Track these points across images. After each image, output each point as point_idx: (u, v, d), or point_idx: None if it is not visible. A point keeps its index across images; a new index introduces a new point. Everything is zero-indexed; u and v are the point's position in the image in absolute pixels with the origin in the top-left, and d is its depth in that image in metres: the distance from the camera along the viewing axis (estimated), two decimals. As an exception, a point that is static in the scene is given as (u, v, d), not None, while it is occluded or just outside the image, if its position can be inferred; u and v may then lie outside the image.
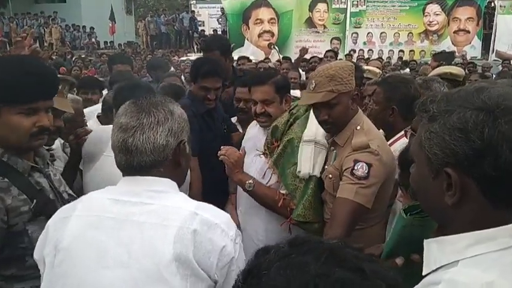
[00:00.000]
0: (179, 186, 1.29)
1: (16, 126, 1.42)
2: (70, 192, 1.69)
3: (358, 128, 1.99)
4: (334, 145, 2.08)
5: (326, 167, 2.10)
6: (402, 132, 2.18)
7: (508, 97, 0.81)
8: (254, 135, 2.50)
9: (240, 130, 3.00)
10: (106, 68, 6.72)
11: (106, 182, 1.33)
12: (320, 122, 2.05)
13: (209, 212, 1.20)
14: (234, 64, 4.75)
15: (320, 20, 16.18)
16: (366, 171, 1.84)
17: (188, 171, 1.64)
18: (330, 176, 2.01)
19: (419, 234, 0.97)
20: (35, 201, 1.44)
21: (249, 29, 16.16)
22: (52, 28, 19.43)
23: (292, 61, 7.36)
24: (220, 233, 1.16)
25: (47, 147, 1.92)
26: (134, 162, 1.21)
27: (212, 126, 2.81)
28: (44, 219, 1.38)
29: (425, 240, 0.89)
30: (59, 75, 2.02)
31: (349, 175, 1.87)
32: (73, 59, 12.58)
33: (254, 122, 2.55)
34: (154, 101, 1.26)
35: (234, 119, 3.13)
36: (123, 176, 1.26)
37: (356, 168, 1.86)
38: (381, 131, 2.35)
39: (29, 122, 1.43)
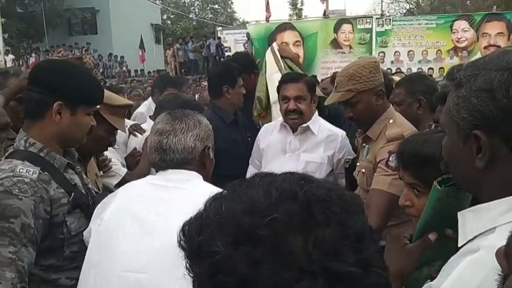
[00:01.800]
0: None
1: (85, 125, 1.57)
2: (96, 190, 1.81)
3: (391, 121, 2.01)
4: (366, 140, 2.09)
5: (358, 163, 2.11)
6: None
7: None
8: (278, 137, 2.54)
9: None
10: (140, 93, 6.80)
11: None
12: (347, 118, 2.11)
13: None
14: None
15: (345, 40, 16.21)
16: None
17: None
18: (364, 170, 2.02)
19: (454, 207, 0.95)
20: (73, 194, 1.52)
21: (274, 52, 16.34)
22: (86, 58, 20.20)
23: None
24: None
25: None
26: (167, 159, 1.43)
27: (237, 133, 2.85)
28: (79, 212, 1.53)
29: (459, 212, 0.89)
30: (128, 102, 2.35)
31: (383, 166, 1.89)
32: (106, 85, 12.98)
33: (268, 126, 2.62)
34: (185, 112, 1.52)
35: None
36: (156, 172, 1.49)
37: (390, 159, 1.87)
38: None
39: (90, 122, 1.60)
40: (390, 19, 17.36)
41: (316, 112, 2.55)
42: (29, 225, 1.36)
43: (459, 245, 0.86)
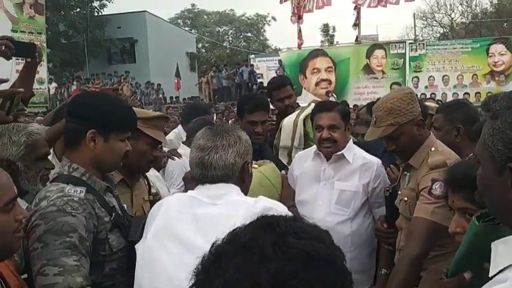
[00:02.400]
0: None
1: (118, 150, 1.65)
2: (130, 213, 1.89)
3: (433, 149, 2.01)
4: (408, 168, 2.09)
5: (400, 192, 2.10)
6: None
7: None
8: (312, 165, 2.53)
9: None
10: (176, 119, 6.99)
11: None
12: (390, 151, 2.11)
13: (265, 201, 1.44)
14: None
15: (377, 66, 16.15)
16: (444, 190, 1.82)
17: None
18: (406, 199, 2.01)
19: (491, 242, 0.94)
20: (113, 214, 1.62)
21: (306, 78, 16.45)
22: (124, 86, 20.91)
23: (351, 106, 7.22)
24: (274, 213, 1.36)
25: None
26: (208, 175, 1.47)
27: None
28: (118, 231, 1.61)
29: (492, 243, 0.89)
30: (162, 113, 2.43)
31: (426, 194, 1.88)
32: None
33: (303, 154, 2.64)
34: (226, 127, 1.57)
35: None
36: (197, 186, 1.52)
37: (434, 187, 1.86)
38: None
39: (124, 147, 1.67)
40: (424, 43, 17.23)
41: (351, 140, 2.54)
42: (85, 239, 1.47)
43: (490, 275, 0.86)
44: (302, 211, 2.36)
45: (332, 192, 2.42)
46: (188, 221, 1.41)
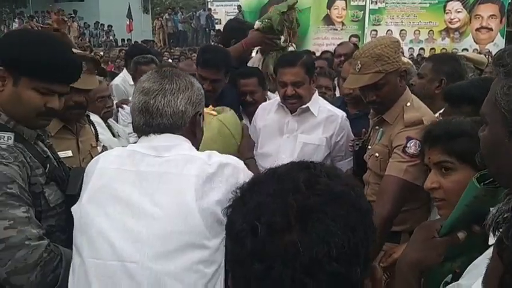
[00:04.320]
0: None
1: (27, 101, 1.38)
2: (78, 160, 1.71)
3: (408, 104, 1.95)
4: (381, 123, 2.03)
5: (370, 147, 2.05)
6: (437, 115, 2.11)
7: None
8: (275, 118, 2.46)
9: (248, 124, 2.78)
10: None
11: None
12: (367, 103, 2.02)
13: (220, 156, 1.26)
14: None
15: (338, 17, 16.03)
16: (419, 149, 1.79)
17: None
18: (377, 154, 1.96)
19: (489, 205, 0.89)
20: (48, 165, 1.43)
21: (266, 26, 16.07)
22: (71, 26, 19.66)
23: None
24: (232, 169, 1.23)
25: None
26: (153, 123, 1.27)
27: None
28: (55, 185, 1.42)
29: (492, 208, 0.82)
30: (84, 53, 2.13)
31: (400, 152, 1.84)
32: (92, 54, 12.75)
33: (266, 105, 2.53)
34: (176, 71, 1.35)
35: None
36: (139, 137, 1.31)
37: (408, 146, 1.82)
38: None
39: (41, 101, 1.40)
40: (384, -4, 17.16)
41: (316, 92, 2.47)
42: (24, 189, 1.31)
43: (490, 243, 0.81)
44: (265, 164, 2.27)
45: (295, 145, 2.37)
46: (131, 180, 1.20)
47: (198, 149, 1.35)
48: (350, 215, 0.64)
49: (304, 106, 2.36)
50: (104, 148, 2.17)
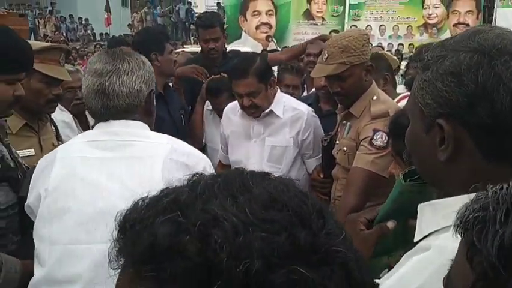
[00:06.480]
0: None
1: (1, 94, 1.43)
2: (27, 165, 1.69)
3: (374, 98, 1.96)
4: (347, 117, 2.03)
5: (338, 141, 2.05)
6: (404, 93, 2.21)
7: (507, 37, 0.74)
8: (240, 123, 2.40)
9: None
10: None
11: None
12: (332, 94, 2.03)
13: (179, 143, 1.34)
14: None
15: (318, 12, 16.02)
16: (385, 141, 1.81)
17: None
18: (345, 149, 1.98)
19: (416, 202, 0.88)
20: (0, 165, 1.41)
21: (246, 21, 15.97)
22: (47, 20, 19.23)
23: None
24: (195, 158, 1.32)
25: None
26: (110, 105, 1.26)
27: (164, 110, 2.60)
28: (7, 185, 1.40)
29: (419, 205, 0.83)
30: (56, 44, 2.20)
31: (367, 145, 1.86)
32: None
33: (229, 111, 2.48)
34: (126, 51, 1.38)
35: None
36: (96, 123, 1.30)
37: (375, 138, 1.84)
38: None
39: (11, 91, 1.43)
40: (363, -9, 17.24)
41: (279, 91, 2.39)
42: None
43: (415, 240, 0.80)
44: None
45: (263, 149, 2.33)
46: (97, 166, 1.23)
47: (152, 126, 1.40)
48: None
49: (267, 110, 2.30)
50: None
